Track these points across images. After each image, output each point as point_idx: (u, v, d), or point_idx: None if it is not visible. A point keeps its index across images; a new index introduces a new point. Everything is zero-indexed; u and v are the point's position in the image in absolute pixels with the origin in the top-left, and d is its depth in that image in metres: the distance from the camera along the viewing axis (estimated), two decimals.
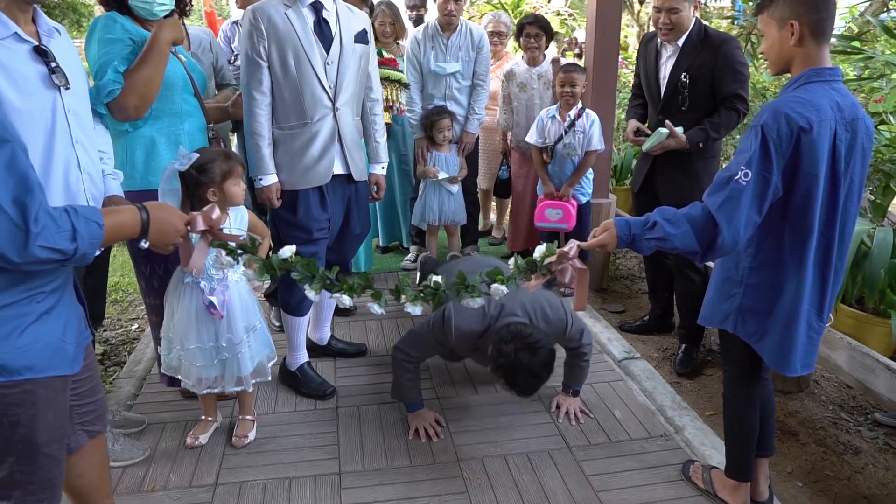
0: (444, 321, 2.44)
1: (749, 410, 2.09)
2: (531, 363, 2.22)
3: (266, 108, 2.52)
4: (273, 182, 2.55)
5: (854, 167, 1.79)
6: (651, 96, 3.20)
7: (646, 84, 3.22)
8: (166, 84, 2.27)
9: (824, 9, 1.73)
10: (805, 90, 1.76)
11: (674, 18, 2.92)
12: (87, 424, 1.67)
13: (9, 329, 1.31)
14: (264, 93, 2.50)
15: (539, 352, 2.24)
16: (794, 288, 1.84)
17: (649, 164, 3.21)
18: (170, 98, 2.35)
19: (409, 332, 2.60)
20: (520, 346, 2.24)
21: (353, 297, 1.80)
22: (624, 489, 2.29)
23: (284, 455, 2.46)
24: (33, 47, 1.64)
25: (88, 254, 1.30)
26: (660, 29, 3.00)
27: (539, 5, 9.20)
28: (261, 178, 2.54)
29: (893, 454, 2.64)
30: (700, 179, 3.03)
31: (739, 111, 2.93)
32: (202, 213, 1.58)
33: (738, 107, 2.92)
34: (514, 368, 2.22)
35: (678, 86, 2.99)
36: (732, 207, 1.71)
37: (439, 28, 3.86)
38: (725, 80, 2.91)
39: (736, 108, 2.92)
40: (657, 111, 3.14)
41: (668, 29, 2.96)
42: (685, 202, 3.01)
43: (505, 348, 2.25)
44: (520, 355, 2.22)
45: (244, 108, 2.54)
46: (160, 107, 2.31)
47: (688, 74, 2.95)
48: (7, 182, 1.18)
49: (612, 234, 1.80)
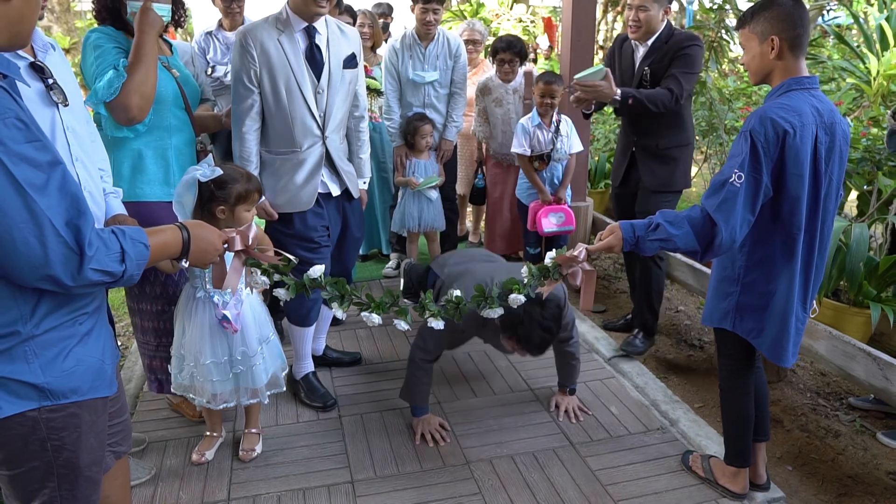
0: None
1: (746, 399, 2.21)
2: (542, 315, 2.26)
3: (255, 133, 2.53)
4: (262, 200, 2.53)
5: (833, 167, 1.93)
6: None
7: (621, 83, 3.25)
8: (157, 98, 2.26)
9: (801, 25, 1.88)
10: (787, 97, 1.89)
11: (642, 16, 3.03)
12: (115, 445, 1.65)
13: (55, 352, 1.30)
14: (254, 118, 2.51)
15: (547, 304, 2.28)
16: (786, 284, 1.97)
17: (628, 158, 3.32)
18: (160, 112, 2.34)
19: (419, 330, 2.58)
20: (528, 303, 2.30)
21: (380, 314, 1.83)
22: (630, 482, 2.38)
23: (294, 467, 2.47)
24: (30, 63, 1.62)
25: (135, 275, 1.30)
26: (629, 26, 3.11)
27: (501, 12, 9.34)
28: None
29: (870, 435, 2.82)
30: (677, 166, 3.18)
31: (672, 91, 2.99)
32: (239, 232, 1.59)
33: (671, 86, 2.99)
34: (526, 322, 2.24)
35: (642, 79, 3.14)
36: (729, 208, 1.82)
37: (417, 37, 3.91)
38: (672, 66, 3.03)
39: (669, 88, 3.00)
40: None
41: (636, 26, 3.07)
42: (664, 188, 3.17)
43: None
44: (530, 309, 2.23)
45: (233, 130, 2.54)
46: (151, 120, 2.30)
47: (649, 68, 3.09)
48: (60, 204, 1.17)
49: (618, 237, 1.90)
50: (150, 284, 2.43)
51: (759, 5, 1.94)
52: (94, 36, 2.26)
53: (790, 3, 1.88)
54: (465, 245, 5.14)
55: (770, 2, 1.91)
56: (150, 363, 2.55)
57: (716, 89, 4.59)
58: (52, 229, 1.14)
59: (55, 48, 1.74)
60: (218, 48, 3.96)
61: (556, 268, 1.93)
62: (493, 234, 4.48)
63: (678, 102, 3.02)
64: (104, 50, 2.22)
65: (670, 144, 3.16)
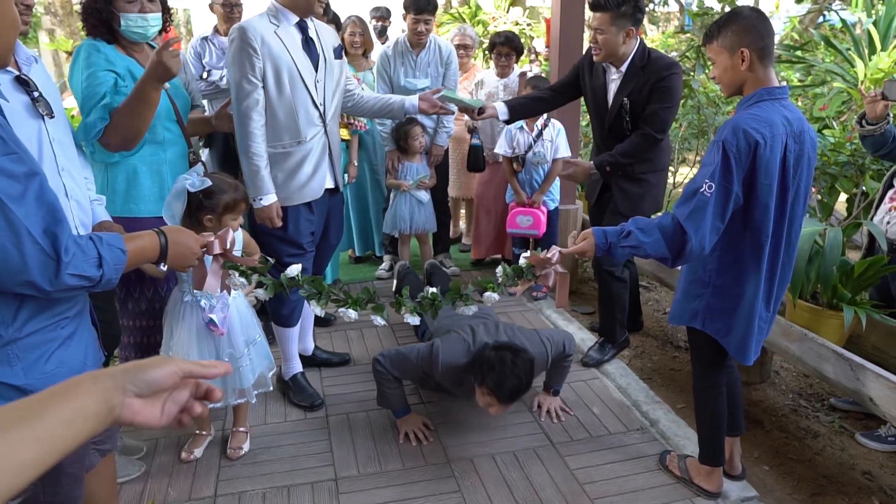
0: (431, 355, 2.52)
1: (718, 398, 2.26)
2: (513, 362, 2.33)
3: (262, 128, 2.51)
4: (273, 202, 2.55)
5: (801, 175, 1.99)
6: (598, 116, 3.17)
7: (593, 103, 3.19)
8: None
9: (767, 35, 1.94)
10: (759, 108, 1.95)
11: (600, 39, 2.86)
12: (100, 444, 1.72)
13: (37, 355, 1.37)
14: (260, 113, 2.49)
15: (521, 353, 2.37)
16: (753, 287, 2.03)
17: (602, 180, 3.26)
18: (153, 128, 2.32)
19: (396, 351, 2.62)
20: (502, 348, 2.37)
21: (357, 310, 1.89)
22: (607, 481, 2.43)
23: (279, 464, 2.53)
24: (15, 77, 1.68)
25: (113, 279, 1.37)
26: (592, 48, 3.00)
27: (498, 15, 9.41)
28: (260, 199, 2.53)
29: (849, 436, 2.86)
30: (649, 189, 3.13)
31: (648, 135, 2.93)
32: (218, 237, 1.65)
33: (647, 130, 2.93)
34: (498, 369, 2.31)
35: (620, 109, 3.02)
36: (699, 217, 1.88)
37: (409, 45, 3.98)
38: (652, 100, 2.91)
39: (644, 133, 2.93)
40: (603, 132, 3.15)
41: (596, 49, 2.91)
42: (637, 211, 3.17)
43: (488, 353, 2.38)
44: (502, 355, 2.33)
45: (239, 129, 2.53)
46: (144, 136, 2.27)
47: (628, 100, 2.97)
48: (38, 213, 1.24)
49: (591, 243, 1.96)
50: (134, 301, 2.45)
51: (723, 20, 2.00)
52: (85, 53, 2.22)
53: (754, 16, 1.94)
54: (457, 247, 5.20)
55: (734, 15, 1.98)
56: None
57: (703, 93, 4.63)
58: (29, 237, 1.20)
59: (38, 61, 1.81)
60: (214, 53, 4.04)
61: (530, 269, 1.99)
62: (479, 236, 4.56)
63: (657, 141, 2.98)
64: (93, 74, 2.18)
65: (645, 169, 3.09)
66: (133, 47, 2.31)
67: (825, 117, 4.39)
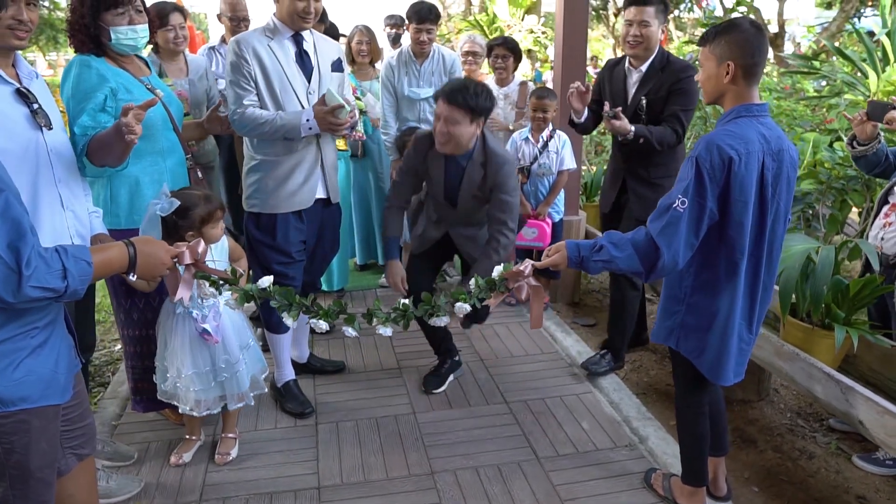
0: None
1: (700, 419, 2.23)
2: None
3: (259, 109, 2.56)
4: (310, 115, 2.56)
5: (780, 193, 1.96)
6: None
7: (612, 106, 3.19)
8: (148, 124, 2.22)
9: (758, 55, 1.90)
10: (735, 124, 1.92)
11: (644, 32, 2.99)
12: (77, 448, 1.76)
13: (5, 363, 1.41)
14: (253, 100, 2.55)
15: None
16: (727, 306, 2.01)
17: (619, 186, 3.34)
18: (152, 137, 2.37)
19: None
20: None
21: (329, 321, 1.92)
22: (589, 497, 2.42)
23: (265, 471, 2.56)
24: (15, 89, 1.74)
25: (79, 290, 1.41)
26: (628, 42, 3.07)
27: (512, 23, 9.42)
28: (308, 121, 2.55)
29: (845, 458, 2.80)
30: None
31: (676, 131, 3.01)
32: (189, 247, 1.69)
33: (675, 126, 3.00)
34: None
35: (637, 109, 3.12)
36: (672, 232, 1.87)
37: (412, 54, 4.00)
38: (671, 102, 3.01)
39: (674, 129, 3.01)
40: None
41: (636, 42, 3.01)
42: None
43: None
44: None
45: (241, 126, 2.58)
46: (143, 147, 2.27)
47: (645, 98, 3.08)
48: (2, 228, 1.29)
49: (563, 256, 1.97)
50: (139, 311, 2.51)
51: (722, 27, 1.96)
52: (76, 70, 2.22)
53: (752, 31, 1.90)
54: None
55: (733, 25, 1.94)
56: (134, 385, 2.66)
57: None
58: None
59: (38, 77, 1.87)
60: (220, 62, 4.11)
61: (503, 281, 1.99)
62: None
63: (680, 141, 3.06)
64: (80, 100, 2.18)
65: (661, 174, 3.14)
66: (123, 59, 2.34)
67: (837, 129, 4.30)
